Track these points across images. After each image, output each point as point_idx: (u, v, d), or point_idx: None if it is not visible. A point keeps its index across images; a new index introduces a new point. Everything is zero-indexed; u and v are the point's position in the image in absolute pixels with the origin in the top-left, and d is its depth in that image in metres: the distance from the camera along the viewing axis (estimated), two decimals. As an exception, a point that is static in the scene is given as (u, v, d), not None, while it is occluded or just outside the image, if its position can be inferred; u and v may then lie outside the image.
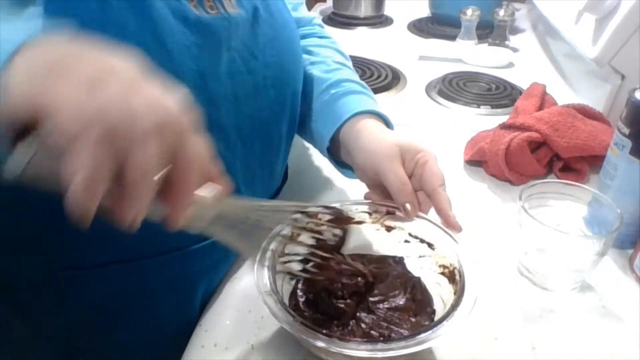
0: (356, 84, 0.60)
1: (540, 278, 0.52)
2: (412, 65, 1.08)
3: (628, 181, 0.54)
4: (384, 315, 0.45)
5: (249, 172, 0.52)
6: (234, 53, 0.47)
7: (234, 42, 0.47)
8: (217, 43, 0.45)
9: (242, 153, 0.51)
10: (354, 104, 0.56)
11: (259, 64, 0.50)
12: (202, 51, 0.44)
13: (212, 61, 0.45)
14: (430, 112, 0.89)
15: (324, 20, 1.39)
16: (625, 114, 0.53)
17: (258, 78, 0.50)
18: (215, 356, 0.44)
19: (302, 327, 0.39)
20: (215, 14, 0.45)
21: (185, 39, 0.42)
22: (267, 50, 0.51)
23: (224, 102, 0.47)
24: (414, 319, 0.45)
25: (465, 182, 0.69)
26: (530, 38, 1.27)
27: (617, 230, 0.47)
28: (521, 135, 0.66)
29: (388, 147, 0.50)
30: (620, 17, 0.70)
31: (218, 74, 0.46)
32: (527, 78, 0.93)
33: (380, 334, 0.43)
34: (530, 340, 0.46)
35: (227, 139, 0.49)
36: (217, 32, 0.45)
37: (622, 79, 0.77)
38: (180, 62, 0.42)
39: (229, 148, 0.49)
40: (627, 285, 0.53)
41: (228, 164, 0.48)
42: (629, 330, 0.48)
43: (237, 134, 0.49)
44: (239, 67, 0.48)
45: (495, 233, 0.59)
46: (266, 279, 0.42)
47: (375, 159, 0.50)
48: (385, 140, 0.51)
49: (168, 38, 0.41)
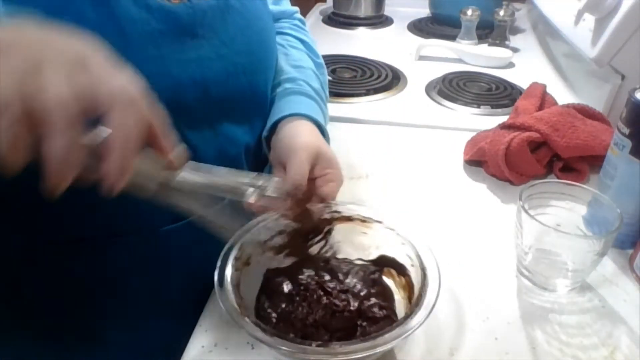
0: (310, 87, 0.62)
1: (540, 278, 0.52)
2: (412, 65, 1.08)
3: (628, 181, 0.54)
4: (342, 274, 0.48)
5: (220, 154, 0.53)
6: (201, 40, 0.48)
7: (200, 30, 0.48)
8: (181, 30, 0.47)
9: (210, 135, 0.52)
10: (297, 104, 0.58)
11: (229, 50, 0.51)
12: (165, 38, 0.45)
13: (176, 47, 0.46)
14: (430, 112, 0.89)
15: (323, 20, 1.40)
16: (625, 114, 0.53)
17: (228, 64, 0.51)
18: (215, 356, 0.44)
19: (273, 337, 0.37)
20: (179, 3, 0.47)
21: (147, 25, 0.44)
22: (238, 38, 0.52)
23: (192, 87, 0.48)
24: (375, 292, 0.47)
25: (465, 182, 0.69)
26: (530, 38, 1.27)
27: (617, 230, 0.47)
28: (521, 135, 0.66)
29: (310, 144, 0.52)
30: (620, 17, 0.70)
31: (183, 60, 0.47)
32: (527, 78, 0.93)
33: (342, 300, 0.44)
34: (530, 340, 0.46)
35: (194, 122, 0.50)
36: (180, 19, 0.46)
37: (622, 79, 0.77)
38: (141, 48, 0.43)
39: (197, 134, 0.50)
40: (627, 285, 0.53)
41: (195, 147, 0.50)
42: (629, 330, 0.48)
43: (205, 117, 0.51)
44: (208, 53, 0.49)
45: (495, 233, 0.59)
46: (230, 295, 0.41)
47: (294, 145, 0.52)
48: (311, 139, 0.53)
49: (127, 25, 0.42)
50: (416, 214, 0.47)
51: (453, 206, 0.64)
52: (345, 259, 0.51)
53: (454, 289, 0.51)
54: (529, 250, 0.51)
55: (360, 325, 0.44)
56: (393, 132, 0.82)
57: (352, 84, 0.96)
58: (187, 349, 0.45)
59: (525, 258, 0.52)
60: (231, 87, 0.52)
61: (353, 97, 0.92)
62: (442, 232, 0.58)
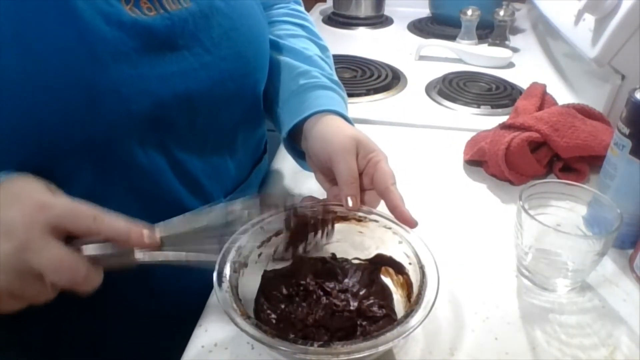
0: (326, 77, 0.59)
1: (540, 278, 0.52)
2: (412, 65, 1.08)
3: (628, 181, 0.54)
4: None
5: (208, 166, 0.53)
6: (182, 51, 0.46)
7: (181, 40, 0.46)
8: (159, 45, 0.44)
9: (196, 148, 0.51)
10: (319, 99, 0.56)
11: (213, 57, 0.49)
12: (142, 56, 0.43)
13: (155, 63, 0.44)
14: (430, 112, 0.89)
15: (323, 20, 1.40)
16: (625, 114, 0.53)
17: (214, 72, 0.49)
18: (215, 356, 0.44)
19: (270, 337, 0.38)
20: (155, 15, 0.44)
21: (121, 45, 0.41)
22: (223, 42, 0.50)
23: (175, 102, 0.46)
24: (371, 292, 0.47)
25: (465, 182, 0.69)
26: (530, 38, 1.27)
27: (617, 230, 0.47)
28: (521, 135, 0.66)
29: (346, 139, 0.50)
30: (620, 17, 0.70)
31: (164, 75, 0.45)
32: (527, 78, 0.93)
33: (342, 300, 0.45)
34: (530, 340, 0.46)
35: (180, 138, 0.49)
36: (157, 33, 0.44)
37: (622, 79, 0.77)
38: (115, 69, 0.41)
39: (183, 146, 0.49)
40: (627, 285, 0.53)
41: (184, 163, 0.50)
42: (629, 330, 0.48)
43: (190, 130, 0.49)
44: (190, 64, 0.47)
45: (495, 233, 0.59)
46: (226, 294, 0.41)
47: (331, 147, 0.50)
48: (344, 132, 0.51)
49: (99, 46, 0.40)
50: (416, 214, 0.47)
51: (453, 206, 0.64)
52: (342, 259, 0.51)
53: (454, 289, 0.51)
54: (529, 250, 0.51)
55: (360, 324, 0.44)
56: (393, 132, 0.82)
57: (352, 84, 0.96)
58: (187, 349, 0.45)
59: (525, 258, 0.52)
60: (217, 96, 0.50)
61: (353, 97, 0.92)
62: (442, 232, 0.58)
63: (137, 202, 0.47)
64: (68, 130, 0.41)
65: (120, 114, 0.42)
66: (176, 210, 0.43)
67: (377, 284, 0.48)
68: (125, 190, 0.47)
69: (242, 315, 0.39)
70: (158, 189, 0.49)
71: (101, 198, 0.39)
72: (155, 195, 0.49)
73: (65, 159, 0.42)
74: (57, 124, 0.40)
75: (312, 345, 0.37)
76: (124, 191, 0.47)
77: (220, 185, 0.55)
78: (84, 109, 0.41)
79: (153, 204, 0.48)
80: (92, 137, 0.42)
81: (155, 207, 0.46)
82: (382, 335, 0.37)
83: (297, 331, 0.43)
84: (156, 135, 0.47)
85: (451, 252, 0.55)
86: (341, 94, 0.60)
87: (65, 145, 0.41)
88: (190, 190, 0.52)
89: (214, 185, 0.54)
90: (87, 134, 0.42)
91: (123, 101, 0.42)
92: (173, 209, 0.44)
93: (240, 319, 0.38)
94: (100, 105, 0.41)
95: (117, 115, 0.42)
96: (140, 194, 0.48)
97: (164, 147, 0.48)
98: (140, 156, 0.46)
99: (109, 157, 0.44)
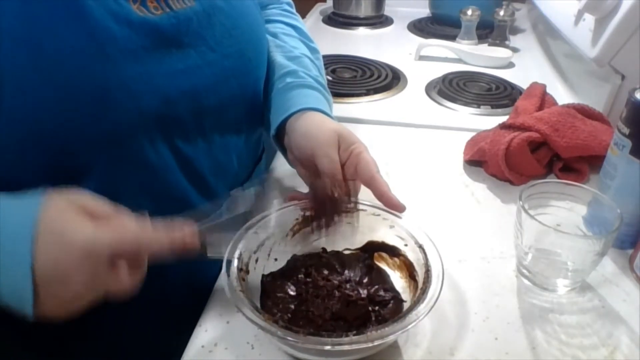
0: (312, 78, 0.61)
1: (540, 278, 0.52)
2: (412, 65, 1.08)
3: (628, 181, 0.54)
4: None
5: (214, 163, 0.53)
6: (188, 49, 0.47)
7: (187, 38, 0.47)
8: (166, 43, 0.45)
9: (203, 146, 0.52)
10: (304, 98, 0.58)
11: (217, 55, 0.50)
12: (150, 54, 0.44)
13: (162, 61, 0.45)
14: (430, 112, 0.89)
15: (323, 20, 1.40)
16: (625, 114, 0.53)
17: (217, 70, 0.50)
18: (215, 356, 0.44)
19: (280, 328, 0.39)
20: (161, 14, 0.45)
21: (129, 43, 0.42)
22: (225, 41, 0.51)
23: (182, 99, 0.47)
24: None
25: (465, 182, 0.69)
26: (530, 38, 1.27)
27: (617, 230, 0.47)
28: (521, 135, 0.66)
29: (327, 133, 0.52)
30: (620, 17, 0.70)
31: (171, 72, 0.46)
32: (527, 78, 0.93)
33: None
34: (530, 340, 0.46)
35: (187, 134, 0.50)
36: (165, 31, 0.45)
37: (622, 79, 0.77)
38: (125, 66, 0.42)
39: (191, 144, 0.50)
40: (627, 285, 0.53)
41: (192, 160, 0.51)
42: (629, 330, 0.48)
43: (197, 128, 0.50)
44: (196, 61, 0.48)
45: (495, 233, 0.59)
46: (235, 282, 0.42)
47: (314, 141, 0.52)
48: (326, 126, 0.53)
49: (109, 44, 0.41)
50: (416, 213, 0.47)
51: (453, 206, 0.64)
52: (334, 252, 0.52)
53: (454, 289, 0.51)
54: (529, 250, 0.51)
55: (373, 310, 0.45)
56: (393, 132, 0.82)
57: (352, 84, 0.96)
58: (187, 349, 0.45)
59: (525, 258, 0.52)
60: (221, 93, 0.51)
61: (353, 97, 0.92)
62: (442, 232, 0.58)
63: (147, 199, 0.48)
64: (81, 127, 0.42)
65: (130, 110, 0.43)
66: (183, 208, 0.44)
67: (375, 270, 0.49)
68: (135, 187, 0.48)
69: (267, 321, 0.39)
70: (167, 186, 0.50)
71: (113, 195, 0.40)
72: (163, 192, 0.50)
73: (78, 156, 0.43)
74: (69, 121, 0.41)
75: (347, 336, 0.38)
76: (134, 188, 0.48)
77: (224, 183, 0.56)
78: (95, 107, 0.41)
79: (161, 201, 0.49)
80: (104, 135, 0.43)
81: (163, 205, 0.46)
82: (410, 311, 0.39)
83: (318, 327, 0.43)
84: (165, 132, 0.47)
85: (451, 252, 0.55)
86: (326, 95, 0.62)
87: (78, 142, 0.42)
88: (197, 187, 0.53)
89: (219, 183, 0.55)
90: (99, 131, 0.43)
91: (133, 98, 0.43)
92: (180, 206, 0.45)
93: (268, 325, 0.39)
94: (111, 103, 0.42)
95: (127, 112, 0.43)
96: (149, 191, 0.48)
97: (173, 144, 0.49)
98: (150, 153, 0.47)
99: (121, 155, 0.45)
